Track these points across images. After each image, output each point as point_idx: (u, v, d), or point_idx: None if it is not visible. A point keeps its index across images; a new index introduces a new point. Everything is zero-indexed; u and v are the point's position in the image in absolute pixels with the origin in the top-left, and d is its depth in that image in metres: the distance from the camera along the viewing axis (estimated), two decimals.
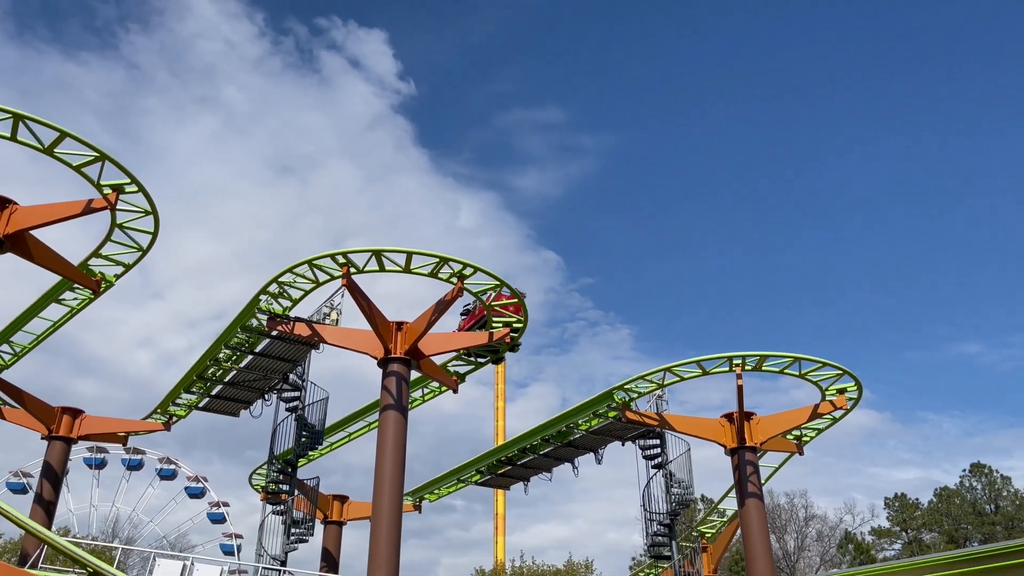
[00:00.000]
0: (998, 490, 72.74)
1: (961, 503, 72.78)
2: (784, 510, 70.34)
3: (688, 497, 32.17)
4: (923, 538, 72.96)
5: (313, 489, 31.15)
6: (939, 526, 72.28)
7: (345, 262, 25.10)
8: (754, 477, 29.05)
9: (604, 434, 32.66)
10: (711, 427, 30.13)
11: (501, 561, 64.39)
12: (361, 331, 27.31)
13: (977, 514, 71.31)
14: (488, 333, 28.77)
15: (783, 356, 27.58)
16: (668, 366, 28.69)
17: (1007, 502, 71.50)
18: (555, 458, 35.11)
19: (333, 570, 35.40)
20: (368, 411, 35.24)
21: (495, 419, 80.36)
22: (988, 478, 73.48)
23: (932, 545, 69.04)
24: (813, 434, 33.06)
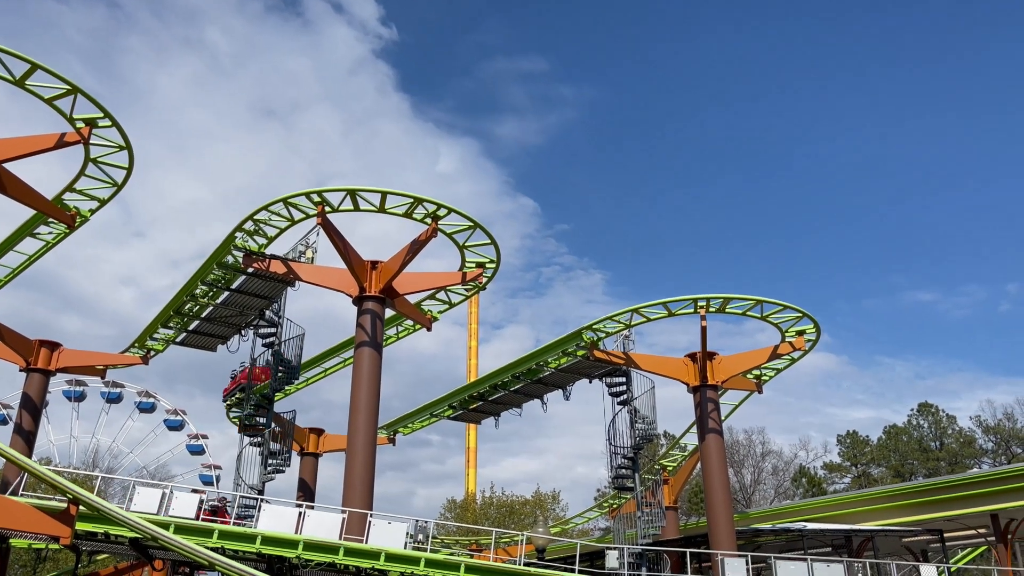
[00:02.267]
0: (943, 428, 75.14)
1: (908, 440, 75.12)
2: (742, 446, 72.18)
3: (651, 432, 32.80)
4: (871, 472, 75.43)
5: (290, 422, 31.35)
6: (887, 461, 74.68)
7: (320, 201, 24.84)
8: (715, 414, 29.67)
9: (572, 372, 33.03)
10: (675, 366, 30.60)
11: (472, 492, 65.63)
12: (336, 269, 27.19)
13: (923, 451, 73.72)
14: (462, 273, 28.76)
15: (746, 299, 27.98)
16: (635, 307, 28.98)
17: (951, 440, 73.94)
18: (525, 394, 35.51)
19: (309, 499, 35.90)
20: (343, 348, 35.33)
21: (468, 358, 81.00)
22: (935, 417, 75.81)
23: (880, 479, 71.41)
24: (772, 374, 33.74)
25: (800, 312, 28.63)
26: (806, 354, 31.13)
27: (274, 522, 21.08)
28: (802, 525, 30.12)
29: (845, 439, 78.71)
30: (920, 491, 33.27)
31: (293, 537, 20.55)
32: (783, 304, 28.23)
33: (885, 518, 32.71)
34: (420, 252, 26.27)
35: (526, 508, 56.82)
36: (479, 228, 26.23)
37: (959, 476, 35.09)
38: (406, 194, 24.57)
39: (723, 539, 27.50)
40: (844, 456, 77.74)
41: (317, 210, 24.96)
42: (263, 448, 29.02)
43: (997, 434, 72.15)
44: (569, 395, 35.00)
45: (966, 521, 32.31)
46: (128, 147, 23.35)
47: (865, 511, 33.98)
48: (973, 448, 72.27)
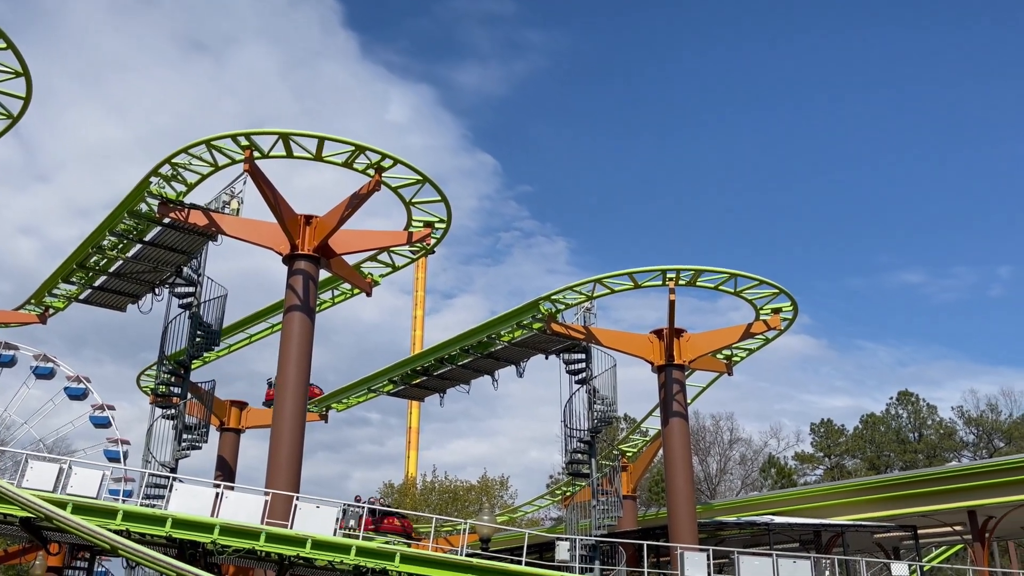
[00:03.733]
0: (923, 419, 77.58)
1: (886, 431, 77.47)
2: (709, 432, 73.63)
3: (611, 414, 33.18)
4: (846, 464, 77.69)
5: (208, 393, 30.97)
6: (862, 453, 76.97)
7: (248, 145, 24.33)
8: (680, 396, 30.11)
9: (527, 346, 33.15)
10: (639, 343, 30.91)
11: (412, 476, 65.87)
12: (265, 223, 26.77)
13: (900, 442, 76.10)
14: (407, 233, 28.53)
15: (719, 272, 28.30)
16: (598, 277, 29.13)
17: (931, 431, 76.43)
18: (474, 370, 35.57)
19: (229, 479, 35.61)
20: (271, 312, 34.90)
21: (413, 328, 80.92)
22: (914, 407, 78.19)
23: (854, 471, 73.58)
24: (744, 354, 34.29)
25: (776, 288, 29.08)
26: (781, 334, 31.67)
27: (188, 503, 20.86)
28: (769, 518, 30.89)
29: (819, 428, 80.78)
30: (894, 484, 34.35)
31: (208, 520, 20.39)
32: (758, 279, 28.63)
33: (857, 513, 33.74)
34: (361, 208, 25.93)
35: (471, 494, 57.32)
36: (428, 183, 25.98)
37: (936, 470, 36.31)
38: (346, 141, 24.18)
39: (684, 532, 28.05)
40: (817, 446, 79.88)
41: (244, 155, 24.44)
42: (177, 422, 28.65)
43: (979, 426, 74.77)
44: (523, 372, 35.21)
45: (942, 517, 33.47)
46: (26, 73, 22.53)
47: (836, 505, 34.99)
48: (953, 440, 74.83)
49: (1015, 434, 70.63)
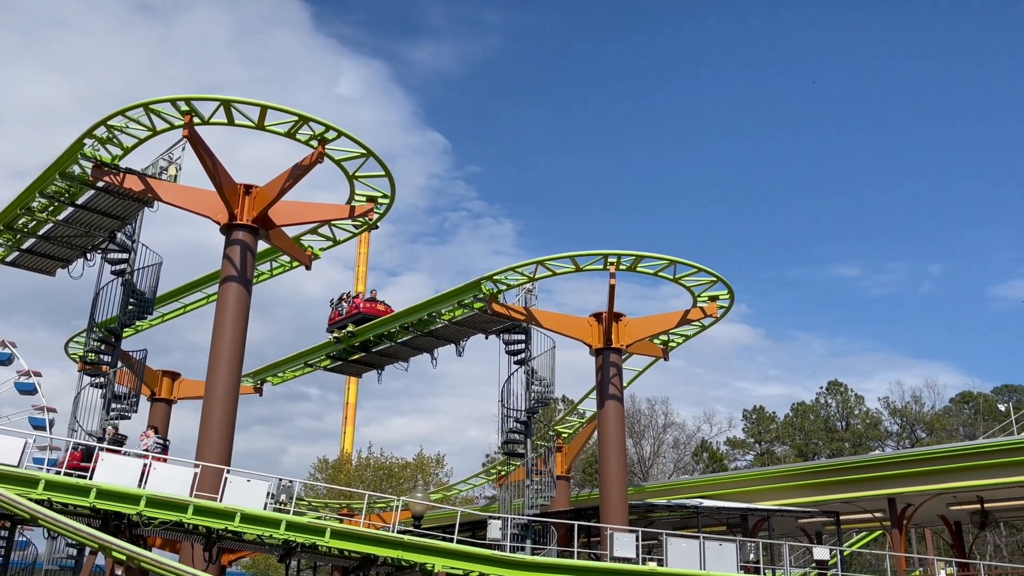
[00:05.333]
0: (851, 408, 79.90)
1: (815, 419, 79.61)
2: (644, 415, 74.79)
3: (548, 395, 33.53)
4: (775, 450, 79.66)
5: (139, 362, 30.41)
6: (792, 440, 79.02)
7: (188, 110, 23.76)
8: (616, 379, 30.49)
9: (467, 326, 33.26)
10: (579, 325, 31.17)
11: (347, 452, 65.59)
12: (203, 191, 26.25)
13: (828, 430, 78.30)
14: (350, 207, 28.27)
15: (658, 258, 28.62)
16: (540, 259, 29.24)
17: (857, 420, 78.78)
18: (414, 347, 35.60)
19: None
20: (207, 281, 34.34)
21: None
22: (843, 396, 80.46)
23: (783, 457, 75.51)
24: (680, 340, 34.86)
25: (714, 276, 29.55)
26: (717, 321, 32.25)
27: (113, 474, 20.43)
28: (698, 502, 31.54)
29: (751, 414, 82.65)
30: (819, 471, 35.38)
31: (134, 492, 20.01)
32: (697, 266, 29.05)
33: (784, 498, 34.66)
34: (306, 180, 25.59)
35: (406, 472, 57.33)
36: (372, 157, 25.73)
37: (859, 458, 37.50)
38: (289, 110, 23.79)
39: (615, 513, 28.49)
40: (749, 432, 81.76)
41: (184, 121, 23.89)
42: (106, 390, 28.05)
43: (903, 417, 77.34)
44: (462, 351, 35.34)
45: (863, 504, 34.60)
46: None
47: (764, 490, 35.90)
48: (878, 430, 77.29)
49: (936, 425, 73.16)
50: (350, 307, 35.54)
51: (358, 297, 36.39)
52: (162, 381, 37.16)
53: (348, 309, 35.53)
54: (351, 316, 35.21)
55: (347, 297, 36.55)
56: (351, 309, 35.41)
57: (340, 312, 35.83)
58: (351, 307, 35.49)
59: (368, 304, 35.37)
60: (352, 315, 35.18)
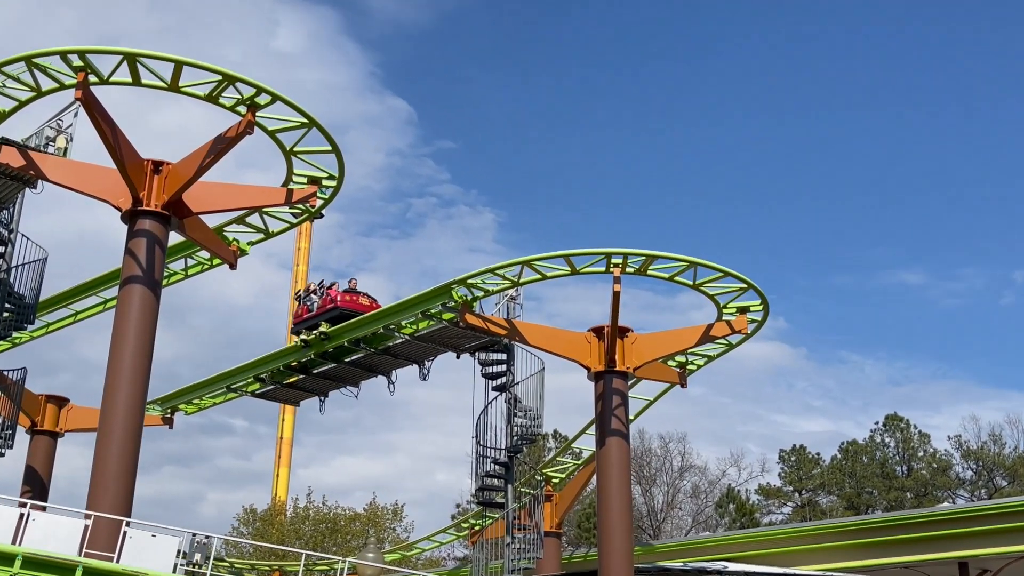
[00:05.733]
0: (913, 449, 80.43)
1: (869, 462, 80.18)
2: (656, 456, 75.05)
3: (535, 430, 33.56)
4: (819, 501, 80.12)
5: (17, 384, 30.23)
6: (840, 488, 79.51)
7: (83, 66, 23.63)
8: (621, 410, 30.53)
9: (434, 341, 33.27)
10: (574, 342, 31.21)
11: (281, 500, 65.40)
12: (101, 168, 26.11)
13: (885, 476, 78.79)
14: (287, 190, 28.23)
15: (674, 259, 28.72)
16: (527, 259, 29.31)
17: (922, 464, 79.34)
18: (366, 368, 35.56)
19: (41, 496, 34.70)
20: (105, 283, 34.07)
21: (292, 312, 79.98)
22: (904, 434, 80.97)
23: (828, 510, 75.93)
24: (702, 362, 35.00)
25: (744, 282, 29.66)
26: (747, 339, 32.39)
27: None
28: (722, 566, 31.67)
29: (789, 456, 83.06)
30: (874, 528, 35.56)
31: (8, 549, 19.87)
32: (722, 270, 29.13)
33: (829, 561, 34.77)
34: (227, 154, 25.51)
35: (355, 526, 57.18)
36: (315, 127, 25.67)
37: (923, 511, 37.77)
38: (210, 67, 23.69)
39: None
40: (787, 478, 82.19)
41: (77, 79, 23.76)
42: None
43: (979, 460, 78.00)
44: (427, 373, 35.39)
45: (928, 569, 34.77)
46: None
47: (805, 551, 36.01)
48: (948, 477, 77.90)
49: (1020, 471, 73.79)
50: (323, 300, 34.66)
51: (333, 288, 35.15)
52: (45, 408, 36.78)
53: (321, 303, 34.71)
54: (325, 312, 34.33)
55: (319, 288, 35.56)
56: (325, 303, 34.52)
57: (309, 307, 35.08)
58: (324, 300, 34.59)
59: (347, 297, 34.39)
60: (326, 311, 34.34)
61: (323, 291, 35.10)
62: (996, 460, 77.20)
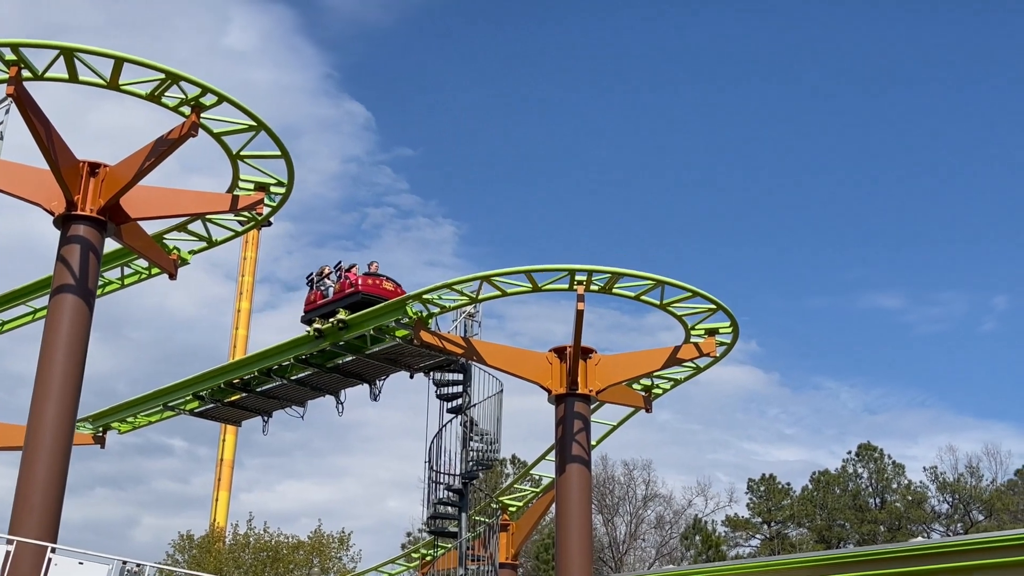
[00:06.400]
0: (887, 480, 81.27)
1: (842, 493, 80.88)
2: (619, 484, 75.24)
3: (492, 455, 33.62)
4: (789, 534, 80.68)
5: None
6: (810, 520, 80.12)
7: (15, 59, 23.42)
8: (583, 435, 30.59)
9: (386, 360, 33.21)
10: (534, 363, 31.25)
11: (220, 526, 64.81)
12: (33, 169, 25.88)
13: (858, 509, 79.50)
14: (232, 197, 28.10)
15: (641, 277, 28.87)
16: (486, 274, 29.33)
17: (896, 496, 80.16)
18: (313, 387, 35.42)
19: None
20: (35, 291, 33.70)
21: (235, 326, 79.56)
22: (878, 464, 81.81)
23: (798, 544, 76.44)
24: (669, 386, 35.16)
25: (712, 303, 29.86)
26: (716, 362, 32.64)
27: None
28: None
29: (759, 486, 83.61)
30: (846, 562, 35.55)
31: None
32: (690, 289, 29.31)
33: None
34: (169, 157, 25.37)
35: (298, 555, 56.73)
36: (264, 130, 25.59)
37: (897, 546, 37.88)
38: (152, 64, 23.52)
39: None
40: (755, 509, 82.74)
41: (9, 73, 23.54)
42: None
43: (955, 493, 78.91)
44: (379, 393, 35.24)
45: None
46: None
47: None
48: (922, 510, 78.74)
49: (997, 505, 74.68)
50: (342, 284, 32.62)
51: (352, 270, 33.09)
52: None
53: (339, 287, 32.69)
54: (344, 298, 32.26)
55: (334, 271, 33.57)
56: (343, 287, 32.46)
57: (323, 292, 33.11)
58: (343, 284, 32.53)
59: (370, 281, 32.43)
60: (345, 296, 32.29)
61: (340, 274, 33.10)
62: (973, 493, 78.12)
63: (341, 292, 32.34)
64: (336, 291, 32.57)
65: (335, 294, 32.54)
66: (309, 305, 33.40)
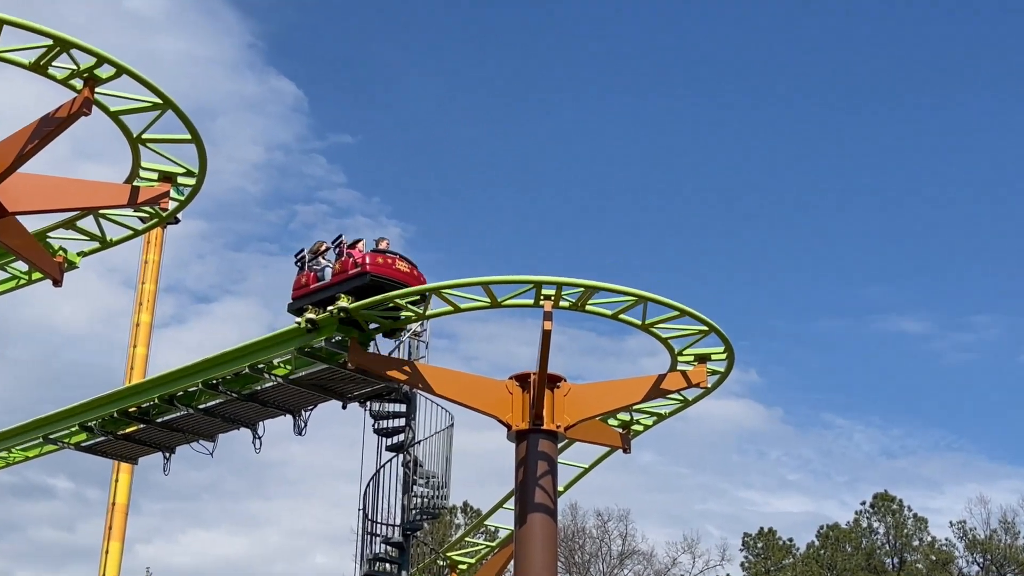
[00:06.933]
0: (907, 537, 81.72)
1: (854, 551, 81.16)
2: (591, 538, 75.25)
3: (439, 502, 33.45)
4: None
5: None
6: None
7: None
8: (548, 479, 30.50)
9: (314, 387, 32.95)
10: (492, 393, 31.13)
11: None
12: None
13: (872, 570, 79.85)
14: (132, 188, 27.91)
15: (620, 292, 28.73)
16: (437, 285, 29.28)
17: (917, 556, 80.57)
18: (225, 418, 35.13)
19: None
20: None
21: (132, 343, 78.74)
22: (896, 518, 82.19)
23: None
24: (651, 421, 35.15)
25: (704, 323, 29.80)
26: (707, 394, 32.62)
27: None
28: None
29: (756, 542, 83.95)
30: None
31: None
32: (677, 307, 29.21)
33: None
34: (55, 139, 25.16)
35: None
36: (172, 109, 25.41)
37: None
38: (38, 28, 23.21)
39: None
40: (752, 569, 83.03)
41: None
42: None
43: (987, 552, 79.39)
44: (304, 426, 34.97)
45: None
46: None
47: None
48: (948, 572, 79.21)
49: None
50: (343, 264, 30.56)
51: (357, 247, 31.10)
52: None
53: (339, 268, 30.68)
54: (347, 280, 30.19)
55: (332, 247, 31.67)
56: (346, 267, 30.34)
57: (318, 273, 31.28)
58: (346, 264, 30.48)
59: (379, 259, 30.40)
60: (349, 278, 30.22)
61: (340, 252, 31.08)
62: (1008, 553, 78.61)
63: (343, 273, 30.35)
64: (335, 272, 30.70)
65: (334, 276, 30.68)
66: (300, 290, 31.51)
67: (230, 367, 32.33)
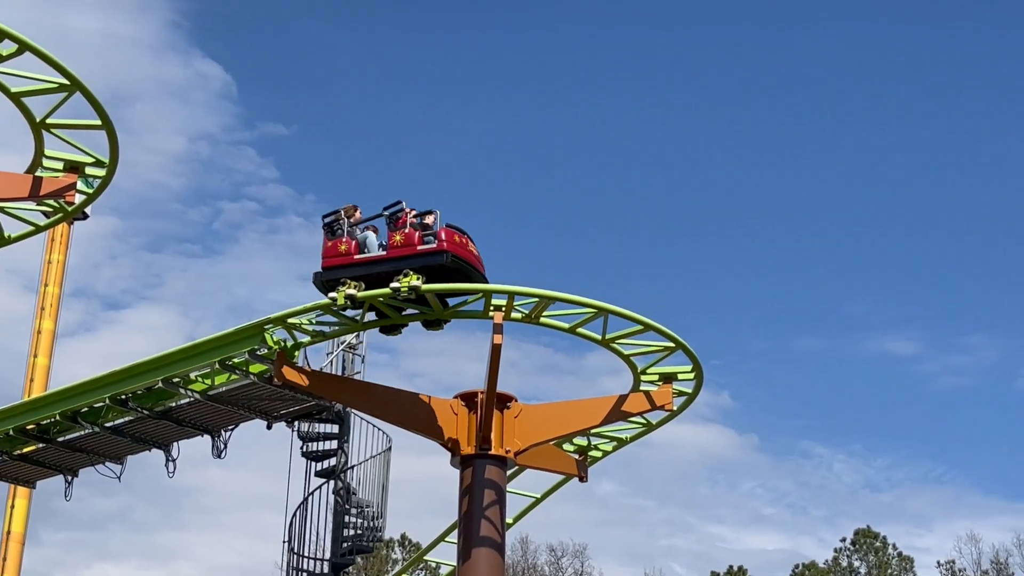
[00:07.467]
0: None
1: None
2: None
3: (375, 534, 33.42)
4: None
5: None
6: None
7: None
8: (495, 510, 30.53)
9: (236, 404, 32.84)
10: (435, 413, 31.00)
11: None
12: None
13: None
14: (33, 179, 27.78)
15: (578, 303, 28.72)
16: (374, 293, 29.19)
17: None
18: (135, 438, 34.92)
19: None
20: None
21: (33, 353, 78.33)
22: (879, 556, 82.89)
23: None
24: (610, 447, 35.25)
25: (670, 340, 29.88)
26: (672, 417, 32.77)
27: None
28: None
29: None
30: None
31: None
32: (641, 321, 29.22)
33: None
34: None
35: None
36: (80, 91, 25.29)
37: None
38: None
39: None
40: None
41: None
42: None
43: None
44: (224, 448, 34.86)
45: None
46: None
47: None
48: None
49: None
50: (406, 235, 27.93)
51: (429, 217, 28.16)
52: None
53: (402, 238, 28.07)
54: (414, 256, 27.72)
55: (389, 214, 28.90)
56: (410, 240, 27.78)
57: (359, 241, 28.71)
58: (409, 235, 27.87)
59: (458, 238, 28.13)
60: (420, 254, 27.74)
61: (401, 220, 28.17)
62: None
63: (408, 247, 27.78)
64: (396, 244, 28.04)
65: (392, 248, 28.12)
66: (337, 258, 28.74)
67: (141, 381, 32.10)
